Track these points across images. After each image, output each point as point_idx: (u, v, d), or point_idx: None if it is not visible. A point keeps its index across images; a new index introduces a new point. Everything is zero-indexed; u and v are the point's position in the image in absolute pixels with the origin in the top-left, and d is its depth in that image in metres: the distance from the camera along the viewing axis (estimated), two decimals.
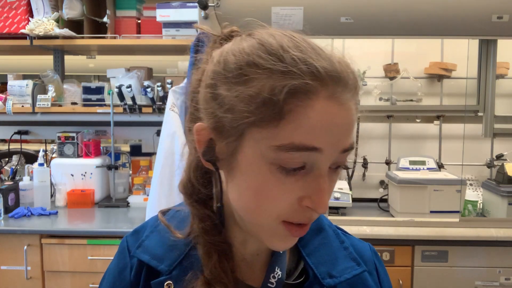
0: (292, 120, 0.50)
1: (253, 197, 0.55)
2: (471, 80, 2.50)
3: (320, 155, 0.52)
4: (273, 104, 0.50)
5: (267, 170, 0.53)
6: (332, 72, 0.51)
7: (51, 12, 2.56)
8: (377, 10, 1.98)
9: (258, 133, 0.52)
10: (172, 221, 0.66)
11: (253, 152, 0.53)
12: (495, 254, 2.04)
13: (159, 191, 1.85)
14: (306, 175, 0.53)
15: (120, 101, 2.50)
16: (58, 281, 2.15)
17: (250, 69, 0.52)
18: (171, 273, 0.61)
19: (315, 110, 0.50)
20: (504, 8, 1.96)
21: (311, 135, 0.50)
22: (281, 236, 0.57)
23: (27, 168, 2.68)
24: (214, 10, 1.99)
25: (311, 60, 0.51)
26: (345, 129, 0.53)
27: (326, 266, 0.65)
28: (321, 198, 0.53)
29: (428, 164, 2.43)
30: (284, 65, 0.51)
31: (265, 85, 0.51)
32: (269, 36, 0.54)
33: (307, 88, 0.50)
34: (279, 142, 0.51)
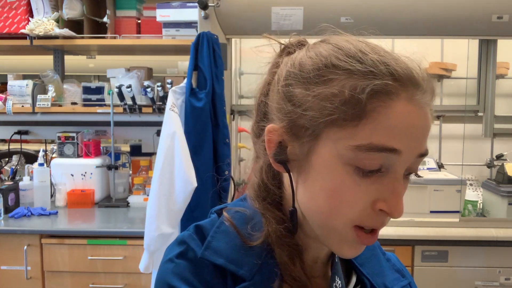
0: (372, 120, 0.50)
1: (327, 199, 0.54)
2: (471, 80, 2.50)
3: (398, 158, 0.51)
4: (356, 103, 0.50)
5: (343, 171, 0.52)
6: (411, 75, 0.52)
7: (51, 12, 2.56)
8: (377, 10, 1.98)
9: (336, 132, 0.52)
10: (238, 225, 0.61)
11: (329, 153, 0.53)
12: (495, 254, 2.04)
13: (159, 191, 1.85)
14: (381, 177, 0.52)
15: (120, 101, 2.50)
16: (58, 281, 2.15)
17: (328, 70, 0.53)
18: (253, 278, 0.57)
19: (396, 111, 0.50)
20: (504, 8, 1.96)
21: (390, 136, 0.50)
22: (350, 243, 0.56)
23: (27, 168, 2.69)
24: (214, 10, 2.00)
25: (390, 62, 0.52)
26: (423, 133, 0.53)
27: (380, 277, 0.66)
28: (396, 201, 0.52)
29: (428, 164, 2.43)
30: (363, 66, 0.51)
31: (346, 85, 0.51)
32: (345, 41, 0.56)
33: (388, 88, 0.50)
34: (358, 142, 0.51)
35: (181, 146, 1.86)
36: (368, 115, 0.50)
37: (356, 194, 0.52)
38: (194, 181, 1.84)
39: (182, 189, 1.85)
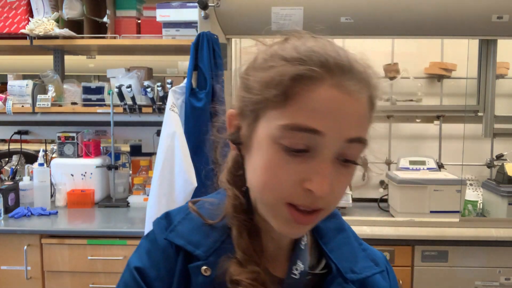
0: (297, 102, 0.55)
1: (261, 175, 0.59)
2: (471, 80, 2.50)
3: (322, 139, 0.55)
4: (281, 87, 0.56)
5: (274, 150, 0.57)
6: (339, 63, 0.56)
7: (51, 12, 2.56)
8: (377, 10, 1.98)
9: (270, 114, 0.57)
10: (203, 210, 0.68)
11: (265, 132, 0.58)
12: (495, 254, 2.04)
13: (159, 191, 1.85)
14: (309, 158, 0.56)
15: (120, 101, 2.50)
16: (58, 281, 2.15)
17: (272, 59, 0.59)
18: (208, 259, 0.63)
19: (319, 95, 0.55)
20: (504, 8, 1.96)
21: (313, 117, 0.54)
22: (285, 220, 0.59)
23: (27, 168, 2.68)
24: (214, 10, 2.00)
25: (323, 52, 0.56)
26: (350, 118, 0.56)
27: (348, 262, 0.69)
28: (321, 181, 0.56)
29: (428, 164, 2.43)
30: (298, 56, 0.56)
31: (278, 71, 0.57)
32: (297, 39, 0.61)
33: (313, 75, 0.55)
34: (284, 122, 0.55)
35: (181, 146, 1.87)
36: (293, 98, 0.55)
37: (285, 171, 0.56)
38: (194, 181, 1.84)
39: (182, 189, 1.85)
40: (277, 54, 0.58)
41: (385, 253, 2.03)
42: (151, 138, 2.75)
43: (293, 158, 0.56)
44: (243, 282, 0.60)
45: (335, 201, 0.61)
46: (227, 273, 0.61)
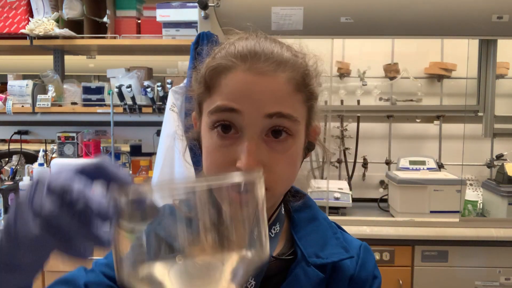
0: (217, 90, 0.62)
1: (204, 161, 0.65)
2: (471, 80, 2.50)
3: (242, 117, 0.60)
4: (204, 80, 0.64)
5: (209, 136, 0.63)
6: (251, 51, 0.62)
7: (51, 12, 2.56)
8: (377, 10, 1.98)
9: (204, 106, 0.65)
10: None
11: (204, 122, 0.65)
12: (495, 254, 2.04)
13: None
14: (238, 140, 0.61)
15: (120, 101, 2.50)
16: None
17: (207, 57, 0.66)
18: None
19: (234, 80, 0.61)
20: (504, 8, 1.96)
21: (229, 98, 0.61)
22: None
23: (27, 168, 2.68)
24: (214, 10, 2.00)
25: (244, 45, 0.63)
26: (265, 96, 0.61)
27: (315, 248, 0.72)
28: (245, 158, 0.59)
29: (428, 164, 2.43)
30: (221, 51, 0.64)
31: (203, 67, 0.65)
32: (233, 39, 0.67)
33: (228, 65, 0.62)
34: (210, 108, 0.62)
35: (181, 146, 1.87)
36: (215, 87, 0.62)
37: (220, 154, 0.62)
38: None
39: None
40: (212, 55, 0.66)
41: (385, 253, 2.03)
42: (151, 138, 2.75)
43: (225, 141, 0.61)
44: None
45: (278, 180, 0.63)
46: None
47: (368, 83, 2.60)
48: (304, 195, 0.78)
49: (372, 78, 2.62)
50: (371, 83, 2.62)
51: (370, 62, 2.60)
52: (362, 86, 2.60)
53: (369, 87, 2.61)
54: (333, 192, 2.19)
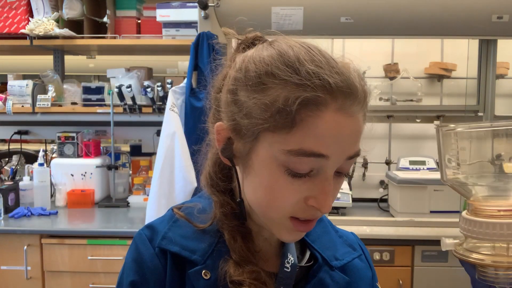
0: (302, 128, 0.55)
1: (264, 194, 0.60)
2: (471, 80, 2.50)
3: (326, 161, 0.57)
4: (286, 113, 0.55)
5: (278, 171, 0.58)
6: (343, 87, 0.56)
7: (51, 12, 2.56)
8: (377, 10, 1.98)
9: (272, 137, 0.57)
10: (190, 216, 0.69)
11: (266, 154, 0.58)
12: None
13: (159, 191, 1.85)
14: (312, 178, 0.58)
15: (120, 101, 2.50)
16: (58, 281, 2.15)
17: (268, 78, 0.57)
18: (206, 263, 0.65)
19: (324, 121, 0.55)
20: (504, 8, 1.96)
21: (319, 143, 0.55)
22: (288, 230, 0.62)
23: (27, 168, 2.68)
24: (214, 10, 1.99)
25: (324, 75, 0.56)
26: (352, 138, 0.58)
27: (330, 250, 0.72)
28: (325, 199, 0.58)
29: (428, 164, 2.43)
30: (299, 78, 0.56)
31: (280, 95, 0.56)
32: (288, 47, 0.59)
33: (318, 100, 0.55)
34: (290, 147, 0.56)
35: (181, 146, 1.86)
36: (299, 124, 0.55)
37: (289, 191, 0.58)
38: (194, 181, 1.84)
39: (182, 189, 1.85)
40: (273, 73, 0.57)
41: (385, 253, 2.03)
42: (151, 138, 2.75)
43: (297, 179, 0.58)
44: (245, 281, 0.62)
45: (330, 207, 0.63)
46: (227, 275, 0.63)
47: (368, 83, 2.60)
48: None
49: (372, 78, 2.62)
50: (371, 83, 2.61)
51: (370, 62, 2.60)
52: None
53: (369, 87, 2.61)
54: None
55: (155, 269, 0.66)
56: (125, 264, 0.69)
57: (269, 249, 0.71)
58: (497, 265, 0.57)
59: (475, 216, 0.58)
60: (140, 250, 0.67)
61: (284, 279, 0.67)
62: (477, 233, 0.57)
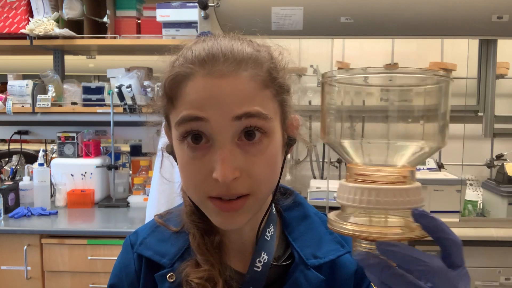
0: (180, 100, 0.59)
1: (182, 177, 0.62)
2: (471, 80, 2.49)
3: (209, 125, 0.57)
4: (164, 92, 0.62)
5: (181, 149, 0.60)
6: (211, 52, 0.59)
7: (51, 12, 2.56)
8: (377, 10, 1.98)
9: (171, 119, 0.62)
10: (169, 221, 0.73)
11: (174, 136, 0.62)
12: (495, 254, 2.04)
13: (159, 191, 1.85)
14: (211, 149, 0.58)
15: (120, 101, 2.50)
16: (58, 281, 2.15)
17: (166, 68, 0.64)
18: (173, 266, 0.67)
19: (194, 87, 0.58)
20: (504, 8, 1.96)
21: (194, 107, 0.58)
22: (215, 212, 0.61)
23: (27, 168, 2.68)
24: (214, 10, 1.99)
25: (200, 48, 0.60)
26: (229, 98, 0.57)
27: (311, 248, 0.70)
28: (221, 167, 0.56)
29: (428, 164, 2.43)
30: (178, 59, 0.61)
31: (163, 78, 0.63)
32: (190, 44, 0.64)
33: (187, 72, 0.59)
34: (176, 119, 0.59)
35: None
36: (178, 98, 0.59)
37: (194, 167, 0.59)
38: None
39: None
40: (170, 63, 0.63)
41: None
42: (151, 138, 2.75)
43: (197, 152, 0.59)
44: (192, 282, 0.63)
45: (260, 183, 0.60)
46: (183, 275, 0.64)
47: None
48: (292, 192, 0.76)
49: None
50: None
51: (370, 62, 2.59)
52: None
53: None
54: (333, 192, 2.19)
55: (130, 273, 0.71)
56: (113, 266, 0.76)
57: (243, 247, 0.69)
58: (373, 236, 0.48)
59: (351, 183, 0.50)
60: (123, 255, 0.73)
61: (253, 279, 0.65)
62: (347, 199, 0.49)
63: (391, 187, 0.49)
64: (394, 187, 0.49)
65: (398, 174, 0.51)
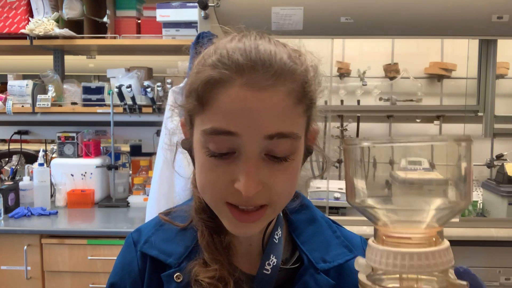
0: (212, 107, 0.56)
1: (199, 178, 0.61)
2: (471, 80, 2.49)
3: (240, 139, 0.55)
4: (195, 94, 0.58)
5: (204, 154, 0.58)
6: (249, 60, 0.55)
7: (51, 12, 2.56)
8: (377, 10, 1.98)
9: (197, 121, 0.59)
10: (176, 218, 0.71)
11: (196, 138, 0.60)
12: (495, 254, 2.04)
13: (159, 191, 1.85)
14: (237, 159, 0.57)
15: (120, 101, 2.50)
16: (58, 281, 2.15)
17: (198, 66, 0.59)
18: (180, 266, 0.65)
19: (230, 97, 0.55)
20: (504, 8, 1.96)
21: (227, 120, 0.55)
22: (229, 219, 0.60)
23: (27, 168, 2.68)
24: (214, 10, 1.99)
25: (232, 55, 0.56)
26: (265, 115, 0.55)
27: (320, 252, 0.69)
28: (245, 181, 0.55)
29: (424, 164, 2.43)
30: (211, 59, 0.57)
31: (194, 78, 0.59)
32: (225, 41, 0.60)
33: (223, 78, 0.55)
34: (204, 127, 0.57)
35: None
36: (209, 103, 0.56)
37: (216, 173, 0.58)
38: None
39: (182, 189, 1.84)
40: (201, 59, 0.59)
41: None
42: (151, 138, 2.75)
43: (222, 160, 0.57)
44: (203, 281, 0.62)
45: (280, 196, 0.59)
46: (192, 275, 0.63)
47: (368, 83, 2.60)
48: (299, 194, 0.75)
49: (372, 78, 2.62)
50: (371, 83, 2.62)
51: (370, 62, 2.60)
52: (362, 86, 2.60)
53: (369, 87, 2.61)
54: (333, 192, 2.19)
55: (133, 272, 0.68)
56: (114, 265, 0.73)
57: (251, 249, 0.69)
58: None
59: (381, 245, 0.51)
60: (124, 253, 0.71)
61: (263, 282, 0.65)
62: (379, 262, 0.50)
63: (424, 251, 0.49)
64: (426, 250, 0.49)
65: (427, 235, 0.51)
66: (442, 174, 0.55)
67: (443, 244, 0.51)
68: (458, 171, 0.57)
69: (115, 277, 0.70)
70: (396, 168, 0.54)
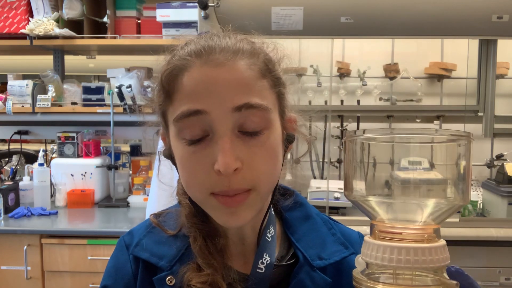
0: (178, 94, 0.58)
1: (182, 175, 0.61)
2: (471, 80, 2.49)
3: (209, 117, 0.56)
4: (161, 86, 0.60)
5: (181, 145, 0.59)
6: (204, 45, 0.58)
7: (51, 12, 2.56)
8: (377, 10, 1.98)
9: (169, 116, 0.60)
10: (165, 223, 0.70)
11: (172, 133, 0.61)
12: (495, 254, 2.04)
13: (159, 191, 1.85)
14: (212, 141, 0.57)
15: (120, 101, 2.50)
16: (58, 281, 2.15)
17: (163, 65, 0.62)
18: (172, 269, 0.64)
19: (191, 78, 0.57)
20: (504, 8, 1.96)
21: (192, 99, 0.56)
22: (217, 209, 0.60)
23: (27, 168, 2.68)
24: (214, 10, 1.99)
25: (194, 45, 0.59)
26: (228, 88, 0.56)
27: (316, 249, 0.68)
28: (222, 157, 0.55)
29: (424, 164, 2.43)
30: (174, 56, 0.60)
31: (160, 74, 0.61)
32: (199, 38, 0.62)
33: (184, 64, 0.58)
34: (174, 115, 0.58)
35: None
36: (175, 91, 0.58)
37: (195, 162, 0.58)
38: None
39: None
40: (166, 59, 0.62)
41: None
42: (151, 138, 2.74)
43: (199, 145, 0.57)
44: (195, 287, 0.61)
45: (261, 177, 0.59)
46: (185, 280, 0.62)
47: (368, 83, 2.60)
48: (293, 192, 0.75)
49: (372, 78, 2.62)
50: (371, 83, 2.62)
51: (370, 62, 2.59)
52: (362, 86, 2.60)
53: (369, 87, 2.61)
54: (333, 192, 2.19)
55: (126, 275, 0.68)
56: (106, 267, 0.72)
57: (245, 248, 0.68)
58: None
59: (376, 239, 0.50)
60: (117, 256, 0.71)
61: (257, 281, 0.65)
62: (375, 257, 0.49)
63: (420, 246, 0.49)
64: (422, 246, 0.49)
65: (423, 231, 0.51)
66: (442, 172, 0.56)
67: (439, 242, 0.52)
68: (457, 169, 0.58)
69: (108, 280, 0.69)
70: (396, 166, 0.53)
